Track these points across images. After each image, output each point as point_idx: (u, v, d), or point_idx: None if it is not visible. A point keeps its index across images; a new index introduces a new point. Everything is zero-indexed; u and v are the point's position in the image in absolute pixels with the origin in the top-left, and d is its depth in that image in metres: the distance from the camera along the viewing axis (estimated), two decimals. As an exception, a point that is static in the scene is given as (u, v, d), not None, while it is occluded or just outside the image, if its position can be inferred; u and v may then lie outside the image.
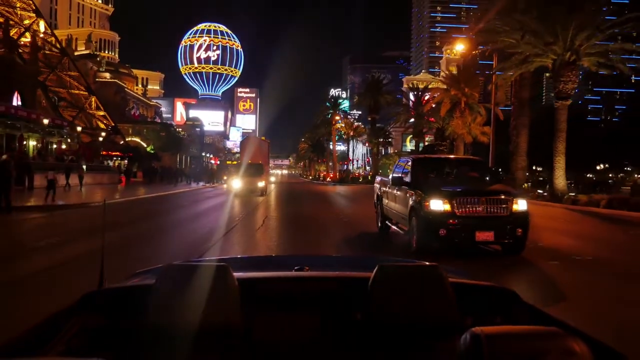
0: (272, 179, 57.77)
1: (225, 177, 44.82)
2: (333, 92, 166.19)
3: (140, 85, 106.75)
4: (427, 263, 1.78)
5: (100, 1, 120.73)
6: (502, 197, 8.66)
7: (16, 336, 1.37)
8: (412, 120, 47.06)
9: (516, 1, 22.72)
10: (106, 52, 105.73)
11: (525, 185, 25.54)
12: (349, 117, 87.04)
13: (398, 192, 10.44)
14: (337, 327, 1.66)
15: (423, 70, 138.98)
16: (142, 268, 2.27)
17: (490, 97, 28.78)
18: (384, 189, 11.92)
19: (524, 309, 1.70)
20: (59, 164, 29.74)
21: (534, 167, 26.30)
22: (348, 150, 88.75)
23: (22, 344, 1.37)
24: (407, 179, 10.08)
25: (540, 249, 9.23)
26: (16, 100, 38.24)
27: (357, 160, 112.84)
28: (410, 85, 58.87)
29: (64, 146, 41.68)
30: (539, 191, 24.95)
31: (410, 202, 9.22)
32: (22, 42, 50.78)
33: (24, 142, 35.74)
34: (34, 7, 53.90)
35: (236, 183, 27.45)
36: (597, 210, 18.51)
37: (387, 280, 1.58)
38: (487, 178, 10.54)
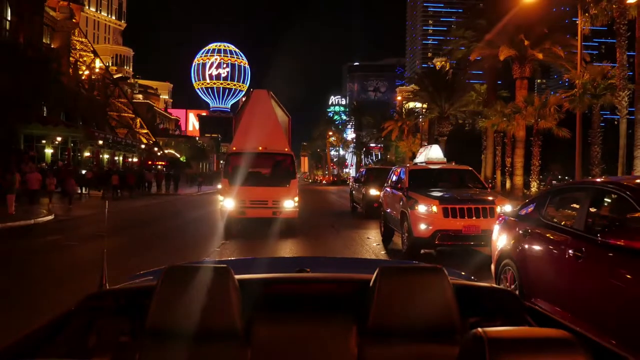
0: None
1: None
2: (333, 99, 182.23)
3: (161, 97, 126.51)
4: (428, 265, 1.88)
5: (114, 17, 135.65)
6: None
7: (18, 338, 1.43)
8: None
9: (425, 84, 44.06)
10: (123, 66, 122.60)
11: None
12: (347, 125, 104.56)
13: (357, 187, 18.42)
14: (338, 328, 1.67)
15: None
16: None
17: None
18: (352, 185, 20.72)
19: (524, 311, 1.74)
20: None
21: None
22: (345, 157, 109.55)
23: (25, 346, 1.43)
24: (362, 179, 18.15)
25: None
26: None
27: (354, 165, 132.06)
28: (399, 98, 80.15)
29: (135, 159, 62.09)
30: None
31: (362, 191, 17.03)
32: (84, 78, 69.04)
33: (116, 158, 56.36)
34: (92, 49, 73.01)
35: (229, 204, 12.54)
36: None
37: (389, 282, 1.62)
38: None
